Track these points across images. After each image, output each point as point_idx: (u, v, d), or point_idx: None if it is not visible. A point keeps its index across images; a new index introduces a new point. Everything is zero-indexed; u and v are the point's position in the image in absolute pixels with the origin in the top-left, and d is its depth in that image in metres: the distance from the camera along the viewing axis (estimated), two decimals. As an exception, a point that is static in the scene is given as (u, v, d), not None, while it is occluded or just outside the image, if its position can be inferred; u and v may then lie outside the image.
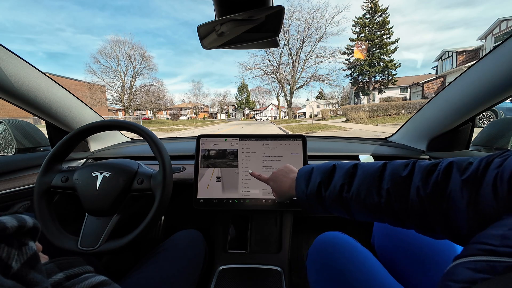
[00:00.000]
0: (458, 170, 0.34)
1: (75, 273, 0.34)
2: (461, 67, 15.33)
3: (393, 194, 0.38)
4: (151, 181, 0.64)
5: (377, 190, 0.39)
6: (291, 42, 24.46)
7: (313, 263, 0.57)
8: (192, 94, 47.24)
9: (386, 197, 0.38)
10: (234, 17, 0.44)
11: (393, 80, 24.37)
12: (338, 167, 0.46)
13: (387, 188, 0.38)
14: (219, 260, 0.87)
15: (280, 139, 0.80)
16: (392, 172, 0.39)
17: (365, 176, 0.42)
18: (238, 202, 0.76)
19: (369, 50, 23.66)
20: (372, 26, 23.90)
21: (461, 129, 0.87)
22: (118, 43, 26.21)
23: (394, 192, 0.38)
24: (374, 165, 0.43)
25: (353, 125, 11.87)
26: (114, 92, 26.46)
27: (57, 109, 0.87)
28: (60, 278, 0.33)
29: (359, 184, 0.41)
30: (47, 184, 0.63)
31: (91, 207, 0.62)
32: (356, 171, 0.43)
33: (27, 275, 0.24)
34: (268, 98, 56.02)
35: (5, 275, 0.22)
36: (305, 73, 25.69)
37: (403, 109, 13.81)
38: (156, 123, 22.87)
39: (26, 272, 0.24)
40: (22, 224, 0.26)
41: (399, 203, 0.37)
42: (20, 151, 0.93)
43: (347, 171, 0.44)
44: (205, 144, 0.81)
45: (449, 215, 0.34)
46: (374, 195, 0.39)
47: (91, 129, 0.68)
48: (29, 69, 0.75)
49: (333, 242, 0.57)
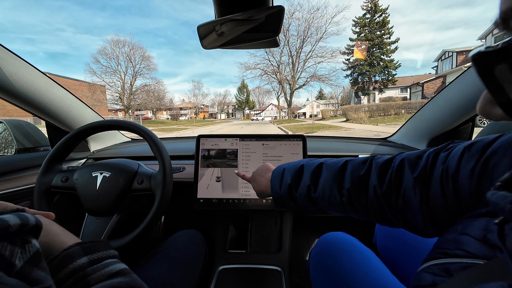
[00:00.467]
0: (410, 167, 0.36)
1: (98, 257, 0.34)
2: (461, 67, 15.32)
3: (353, 193, 0.40)
4: (151, 181, 0.64)
5: (338, 190, 0.41)
6: (291, 42, 24.50)
7: (315, 263, 0.57)
8: (192, 94, 47.27)
9: (347, 196, 0.40)
10: (234, 17, 0.44)
11: (393, 80, 24.38)
12: (306, 166, 0.48)
13: (347, 188, 0.40)
14: (219, 260, 0.87)
15: (280, 139, 0.80)
16: (352, 171, 0.41)
17: (329, 175, 0.43)
18: (238, 202, 0.76)
19: (369, 50, 23.65)
20: (372, 26, 23.90)
21: (461, 129, 0.87)
22: (118, 43, 26.24)
23: (354, 192, 0.40)
24: (336, 163, 0.44)
25: (353, 125, 11.88)
26: (114, 92, 26.49)
27: (57, 109, 0.87)
28: (83, 263, 0.32)
29: (323, 184, 0.43)
30: (47, 184, 0.63)
31: (91, 207, 0.62)
32: (321, 171, 0.45)
33: (31, 273, 0.24)
34: (268, 98, 56.03)
35: (8, 273, 0.22)
36: (305, 73, 25.73)
37: (403, 109, 13.82)
38: (156, 123, 22.87)
39: (29, 269, 0.24)
40: (25, 222, 0.26)
41: (359, 201, 0.40)
42: (20, 151, 0.93)
43: (313, 171, 0.46)
44: (205, 144, 0.81)
45: (405, 211, 0.35)
46: (336, 195, 0.41)
47: (91, 129, 0.68)
48: (29, 69, 0.75)
49: (336, 243, 0.57)
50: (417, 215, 0.34)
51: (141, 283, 0.34)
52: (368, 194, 0.38)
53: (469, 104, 0.76)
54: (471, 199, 0.29)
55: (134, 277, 0.34)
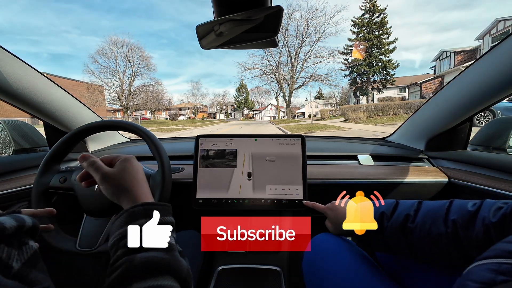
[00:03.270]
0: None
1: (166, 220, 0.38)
2: (459, 67, 15.41)
3: (459, 224, 0.40)
4: (150, 181, 0.64)
5: (444, 221, 0.42)
6: (290, 42, 24.49)
7: (308, 265, 0.57)
8: (191, 94, 47.15)
9: (452, 227, 0.41)
10: (233, 17, 0.44)
11: (392, 80, 24.45)
12: (401, 202, 0.50)
13: (453, 219, 0.41)
14: (218, 260, 0.87)
15: (279, 139, 0.80)
16: (460, 207, 0.43)
17: (429, 209, 0.45)
18: (237, 202, 0.76)
19: (367, 50, 23.71)
20: (370, 26, 23.95)
21: (459, 129, 0.87)
22: (116, 43, 26.14)
23: (461, 222, 0.40)
24: (438, 201, 0.46)
25: (352, 125, 11.90)
26: (113, 93, 26.39)
27: (55, 109, 0.86)
28: (142, 222, 0.35)
29: (425, 214, 0.44)
30: (45, 185, 0.63)
31: (89, 208, 0.62)
32: (420, 206, 0.47)
33: (29, 274, 0.24)
34: (267, 98, 56.00)
35: (6, 275, 0.22)
36: (304, 73, 25.73)
37: (401, 109, 13.86)
38: (155, 123, 22.80)
39: (27, 271, 0.24)
40: (21, 224, 0.26)
41: (465, 231, 0.40)
42: (18, 151, 0.92)
43: (411, 205, 0.47)
44: (204, 144, 0.81)
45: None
46: (441, 225, 0.42)
47: (89, 130, 0.67)
48: (27, 69, 0.74)
49: (328, 244, 0.57)
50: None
51: (179, 258, 0.35)
52: (476, 225, 0.39)
53: (467, 103, 0.77)
54: None
55: (175, 255, 0.35)
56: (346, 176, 0.87)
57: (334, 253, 0.54)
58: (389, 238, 0.47)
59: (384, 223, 0.47)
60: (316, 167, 0.91)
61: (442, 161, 0.93)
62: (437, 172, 0.88)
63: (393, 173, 0.89)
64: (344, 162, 0.96)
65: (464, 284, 0.26)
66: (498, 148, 0.89)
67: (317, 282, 0.52)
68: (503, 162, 0.72)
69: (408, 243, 0.45)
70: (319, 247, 0.57)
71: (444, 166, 0.90)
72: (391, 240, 0.47)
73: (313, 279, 0.53)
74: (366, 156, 0.97)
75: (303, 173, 0.76)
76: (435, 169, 0.91)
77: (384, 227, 0.47)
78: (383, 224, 0.48)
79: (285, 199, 0.75)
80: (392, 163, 0.95)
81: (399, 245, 0.47)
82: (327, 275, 0.51)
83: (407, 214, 0.45)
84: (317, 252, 0.56)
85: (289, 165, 0.78)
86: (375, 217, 0.49)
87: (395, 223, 0.46)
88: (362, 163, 0.94)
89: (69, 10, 76.48)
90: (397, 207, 0.49)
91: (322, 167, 0.93)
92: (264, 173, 0.77)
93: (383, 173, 0.89)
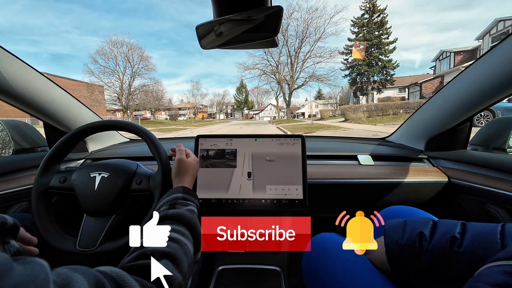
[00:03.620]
0: None
1: (188, 198, 0.53)
2: (458, 67, 15.41)
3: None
4: (150, 181, 0.64)
5: (502, 247, 0.35)
6: (290, 42, 24.46)
7: (307, 265, 0.56)
8: (191, 94, 47.13)
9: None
10: (233, 17, 0.44)
11: (392, 80, 24.43)
12: (440, 221, 0.43)
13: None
14: (218, 260, 0.87)
15: (279, 139, 0.80)
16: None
17: (479, 232, 0.38)
18: (237, 202, 0.76)
19: (367, 50, 23.71)
20: (370, 26, 23.94)
21: (459, 129, 0.87)
22: (116, 43, 26.07)
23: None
24: (485, 224, 0.40)
25: (352, 125, 11.88)
26: (112, 93, 26.32)
27: (55, 109, 0.86)
28: (179, 196, 0.52)
29: (473, 239, 0.37)
30: (45, 185, 0.63)
31: (89, 208, 0.62)
32: (465, 227, 0.40)
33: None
34: (267, 98, 55.97)
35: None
36: (304, 73, 25.68)
37: (401, 109, 13.84)
38: (154, 124, 22.78)
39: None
40: (2, 222, 0.26)
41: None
42: (17, 151, 0.92)
43: (454, 225, 0.40)
44: (204, 144, 0.81)
45: None
46: (498, 252, 0.35)
47: (89, 130, 0.67)
48: (26, 69, 0.74)
49: (327, 244, 0.56)
50: None
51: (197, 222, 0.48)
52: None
53: (467, 104, 0.77)
54: None
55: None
56: (346, 176, 0.87)
57: (334, 253, 0.54)
58: (430, 265, 0.39)
59: (423, 245, 0.39)
60: (316, 167, 0.91)
61: (442, 161, 0.93)
62: (437, 172, 0.88)
63: (393, 173, 0.89)
64: (344, 162, 0.96)
65: (476, 286, 0.25)
66: (498, 148, 0.89)
67: (317, 282, 0.52)
68: (503, 162, 0.72)
69: (455, 271, 0.37)
70: (319, 247, 0.57)
71: (444, 166, 0.90)
72: (430, 265, 0.39)
73: (313, 279, 0.53)
74: (366, 156, 0.97)
75: (303, 173, 0.76)
76: (435, 169, 0.91)
77: (423, 250, 0.39)
78: (421, 247, 0.39)
79: (285, 199, 0.75)
80: (392, 163, 0.96)
81: (443, 274, 0.38)
82: (327, 275, 0.50)
83: (453, 237, 0.38)
84: (317, 252, 0.56)
85: (289, 165, 0.78)
86: (412, 237, 0.41)
87: (438, 246, 0.38)
88: (362, 163, 0.94)
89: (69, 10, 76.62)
90: (436, 227, 0.41)
91: (322, 167, 0.93)
92: (264, 173, 0.77)
93: (383, 173, 0.89)
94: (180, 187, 0.55)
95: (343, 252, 0.53)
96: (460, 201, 0.82)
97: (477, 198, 0.75)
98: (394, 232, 0.45)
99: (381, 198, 0.91)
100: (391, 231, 0.45)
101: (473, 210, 0.78)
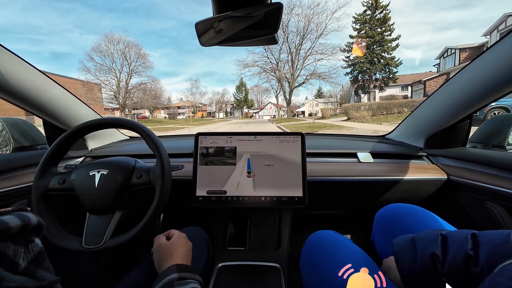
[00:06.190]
0: None
1: (185, 276, 0.46)
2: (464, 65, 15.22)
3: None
4: (150, 174, 0.64)
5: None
6: (291, 39, 24.28)
7: (304, 263, 0.57)
8: (190, 93, 46.97)
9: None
10: (232, 14, 0.44)
11: (394, 78, 24.21)
12: (450, 236, 0.38)
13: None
14: (218, 258, 0.87)
15: (279, 137, 0.80)
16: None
17: (493, 245, 0.33)
18: (237, 199, 0.76)
19: (369, 47, 23.52)
20: (372, 23, 23.69)
21: (458, 126, 0.87)
22: (112, 40, 25.77)
23: None
24: (494, 232, 0.36)
25: (355, 124, 11.56)
26: (109, 91, 26.05)
27: (54, 107, 0.86)
28: (174, 277, 0.45)
29: (489, 254, 0.33)
30: (44, 188, 0.63)
31: (91, 206, 0.62)
32: (476, 240, 0.35)
33: (35, 273, 0.24)
34: (267, 96, 55.78)
35: (13, 273, 0.22)
36: (305, 70, 25.51)
37: (405, 108, 13.57)
38: (152, 122, 22.66)
39: (34, 270, 0.24)
40: (26, 222, 0.26)
41: None
42: (17, 149, 0.92)
43: (464, 239, 0.36)
44: (203, 142, 0.81)
45: None
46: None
47: (88, 127, 0.67)
48: (25, 67, 0.74)
49: (324, 242, 0.57)
50: None
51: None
52: None
53: (467, 101, 0.77)
54: None
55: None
56: (346, 173, 0.87)
57: (331, 251, 0.54)
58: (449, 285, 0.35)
59: (438, 268, 0.35)
60: (315, 165, 0.91)
61: (441, 159, 0.93)
62: (436, 170, 0.88)
63: (393, 170, 0.89)
64: (343, 160, 0.96)
65: (497, 281, 0.24)
66: (497, 146, 0.89)
67: (314, 279, 0.52)
68: (503, 160, 0.72)
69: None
70: (316, 244, 0.57)
71: (443, 164, 0.90)
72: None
73: (310, 276, 0.53)
74: (365, 154, 0.97)
75: (303, 170, 0.76)
76: (434, 167, 0.91)
77: (439, 274, 0.35)
78: (436, 270, 0.35)
79: (284, 197, 0.75)
80: (391, 160, 0.96)
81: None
82: (324, 272, 0.51)
83: (468, 255, 0.33)
84: (314, 249, 0.56)
85: (289, 162, 0.78)
86: (424, 259, 0.37)
87: (453, 268, 0.34)
88: (362, 161, 0.94)
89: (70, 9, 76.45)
90: (447, 243, 0.36)
91: (321, 164, 0.93)
92: (264, 171, 0.78)
93: (383, 170, 0.89)
94: (173, 266, 0.47)
95: (341, 249, 0.54)
96: (459, 198, 0.82)
97: (476, 196, 0.75)
98: (405, 254, 0.41)
99: (381, 195, 0.91)
100: (401, 253, 0.42)
101: (472, 208, 0.78)
